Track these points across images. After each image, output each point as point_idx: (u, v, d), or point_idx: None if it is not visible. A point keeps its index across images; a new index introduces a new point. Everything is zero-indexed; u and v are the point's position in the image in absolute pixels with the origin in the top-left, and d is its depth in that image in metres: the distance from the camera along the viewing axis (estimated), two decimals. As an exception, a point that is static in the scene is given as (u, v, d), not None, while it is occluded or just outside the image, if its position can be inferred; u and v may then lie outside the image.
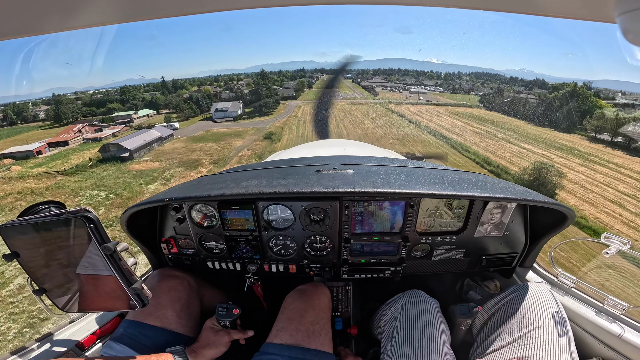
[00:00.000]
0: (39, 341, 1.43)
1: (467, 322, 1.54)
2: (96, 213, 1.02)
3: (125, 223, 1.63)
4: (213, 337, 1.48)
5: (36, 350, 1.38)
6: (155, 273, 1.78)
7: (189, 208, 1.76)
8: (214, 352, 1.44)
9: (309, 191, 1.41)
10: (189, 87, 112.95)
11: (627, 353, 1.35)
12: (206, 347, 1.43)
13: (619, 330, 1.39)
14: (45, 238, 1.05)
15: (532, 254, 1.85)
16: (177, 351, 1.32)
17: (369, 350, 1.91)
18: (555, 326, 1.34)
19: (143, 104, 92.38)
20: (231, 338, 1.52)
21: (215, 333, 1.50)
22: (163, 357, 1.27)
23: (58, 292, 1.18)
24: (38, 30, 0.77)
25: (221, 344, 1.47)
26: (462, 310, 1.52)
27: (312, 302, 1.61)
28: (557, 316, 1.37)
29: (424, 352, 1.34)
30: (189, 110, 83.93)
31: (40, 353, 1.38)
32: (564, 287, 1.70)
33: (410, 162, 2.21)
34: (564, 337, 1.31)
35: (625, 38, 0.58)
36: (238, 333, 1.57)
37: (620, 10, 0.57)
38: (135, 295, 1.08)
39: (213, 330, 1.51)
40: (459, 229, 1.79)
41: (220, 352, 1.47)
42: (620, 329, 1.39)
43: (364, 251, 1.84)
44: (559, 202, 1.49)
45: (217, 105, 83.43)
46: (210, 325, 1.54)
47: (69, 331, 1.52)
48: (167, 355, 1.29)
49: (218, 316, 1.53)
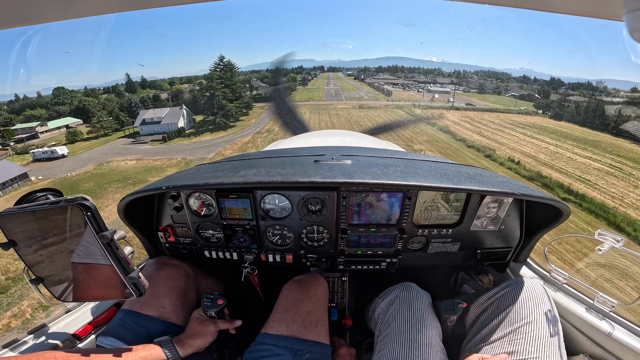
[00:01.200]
0: (34, 332, 1.42)
1: (453, 318, 1.56)
2: (93, 201, 1.01)
3: (122, 211, 1.62)
4: (199, 327, 1.49)
5: (31, 342, 1.37)
6: (152, 262, 1.78)
7: (187, 196, 1.75)
8: (201, 341, 1.45)
9: (307, 181, 1.41)
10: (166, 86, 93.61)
11: (615, 351, 1.38)
12: (192, 336, 1.44)
13: (607, 328, 1.41)
14: (42, 226, 1.05)
15: (526, 249, 1.87)
16: (165, 341, 1.33)
17: (364, 341, 1.93)
18: (546, 323, 1.36)
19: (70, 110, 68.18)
20: (218, 328, 1.53)
21: (201, 323, 1.51)
22: (150, 347, 1.28)
23: (55, 281, 1.18)
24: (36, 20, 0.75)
25: (207, 334, 1.48)
26: (447, 307, 1.54)
27: (309, 293, 1.62)
28: (549, 313, 1.39)
29: (415, 344, 1.36)
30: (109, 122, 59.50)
31: (35, 344, 1.37)
32: (556, 282, 1.73)
33: (409, 154, 2.21)
34: (554, 334, 1.33)
35: (631, 36, 0.58)
36: (225, 323, 1.57)
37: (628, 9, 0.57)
38: (132, 284, 1.08)
39: (199, 321, 1.52)
40: (455, 222, 1.80)
41: (207, 342, 1.48)
42: (609, 327, 1.41)
43: (360, 242, 1.85)
44: (555, 198, 1.49)
45: (145, 115, 57.37)
46: (197, 316, 1.55)
47: (65, 321, 1.52)
48: (155, 345, 1.29)
49: (203, 307, 1.54)
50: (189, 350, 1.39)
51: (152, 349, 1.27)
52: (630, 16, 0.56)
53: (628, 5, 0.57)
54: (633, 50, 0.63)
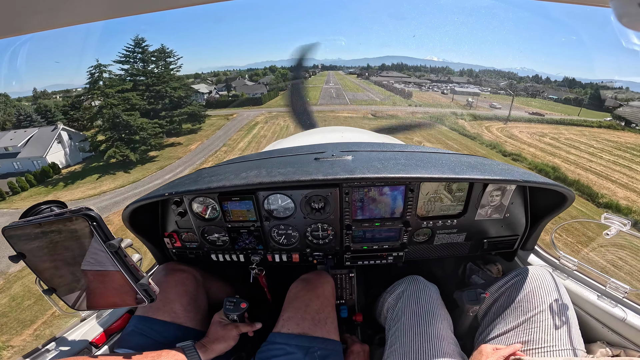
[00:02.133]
0: (52, 342, 1.43)
1: (475, 309, 1.54)
2: (97, 211, 1.02)
3: (127, 219, 1.64)
4: (222, 331, 1.50)
5: (50, 352, 1.38)
6: (160, 268, 1.80)
7: (190, 201, 1.77)
8: (224, 346, 1.46)
9: (309, 179, 1.41)
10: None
11: (631, 337, 1.36)
12: (215, 341, 1.45)
13: (621, 314, 1.39)
14: (49, 238, 1.06)
15: (533, 236, 1.86)
16: (187, 346, 1.34)
17: (375, 336, 1.94)
18: (559, 311, 1.35)
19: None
20: (240, 331, 1.54)
21: (223, 327, 1.52)
22: (173, 353, 1.29)
23: (67, 290, 1.20)
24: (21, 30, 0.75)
25: (230, 338, 1.49)
26: (470, 297, 1.50)
27: (317, 291, 1.63)
28: (561, 301, 1.39)
29: (425, 337, 1.36)
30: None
31: (53, 354, 1.38)
32: (565, 269, 1.71)
33: (409, 146, 2.21)
34: (567, 322, 1.32)
35: (619, 22, 0.58)
36: (246, 326, 1.58)
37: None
38: (143, 291, 1.10)
39: (221, 325, 1.53)
40: (459, 213, 1.79)
41: (229, 346, 1.49)
42: (623, 313, 1.40)
43: (365, 237, 1.86)
44: (558, 183, 1.48)
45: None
46: (219, 320, 1.56)
47: (81, 330, 1.54)
48: (178, 351, 1.30)
49: (226, 310, 1.55)
50: (212, 355, 1.40)
51: (175, 355, 1.28)
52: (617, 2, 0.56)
53: None
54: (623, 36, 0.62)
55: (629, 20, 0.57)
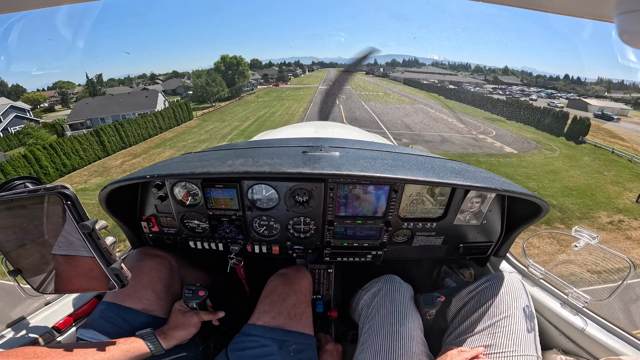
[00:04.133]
0: (12, 325, 1.37)
1: (432, 312, 1.58)
2: (73, 189, 0.99)
3: (104, 200, 1.58)
4: (181, 318, 1.47)
5: (9, 336, 1.33)
6: (135, 252, 1.75)
7: (172, 186, 1.72)
8: (184, 333, 1.43)
9: (295, 172, 1.40)
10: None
11: (586, 346, 1.43)
12: (175, 328, 1.42)
13: (580, 323, 1.46)
14: (20, 216, 1.01)
15: (506, 244, 1.93)
16: (147, 334, 1.31)
17: (349, 333, 1.96)
18: (524, 317, 1.40)
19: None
20: (201, 319, 1.52)
21: (183, 314, 1.49)
22: (132, 340, 1.25)
23: (33, 272, 1.14)
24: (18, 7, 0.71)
25: (190, 325, 1.47)
26: (426, 300, 1.55)
27: (294, 286, 1.63)
28: (526, 308, 1.44)
29: (397, 336, 1.39)
30: None
31: (14, 338, 1.33)
32: (533, 277, 1.79)
33: (397, 147, 2.23)
34: (530, 328, 1.38)
35: (620, 38, 0.59)
36: (208, 314, 1.56)
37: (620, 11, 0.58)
38: (114, 276, 1.05)
39: (181, 312, 1.50)
40: (439, 216, 1.83)
41: (190, 333, 1.46)
42: (582, 322, 1.46)
43: (346, 234, 1.87)
44: (536, 195, 1.54)
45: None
46: (179, 307, 1.53)
47: (44, 314, 1.48)
48: (137, 338, 1.28)
49: (185, 298, 1.52)
50: (172, 342, 1.37)
51: (134, 342, 1.25)
52: (621, 18, 0.58)
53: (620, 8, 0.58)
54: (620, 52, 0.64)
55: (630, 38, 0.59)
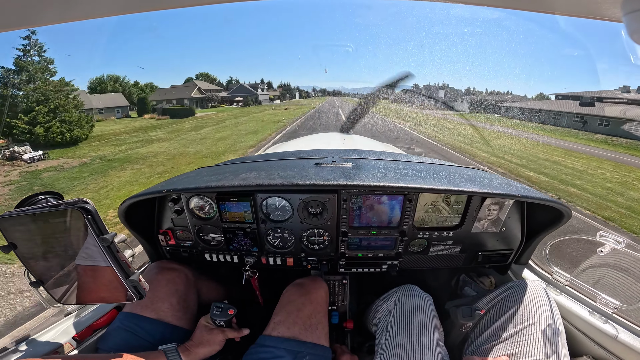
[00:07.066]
0: (32, 335, 1.40)
1: (469, 325, 1.52)
2: (94, 204, 1.02)
3: (122, 214, 1.62)
4: (207, 335, 1.47)
5: (29, 346, 1.35)
6: (152, 265, 1.78)
7: (187, 199, 1.75)
8: (207, 350, 1.43)
9: (308, 184, 1.41)
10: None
11: (618, 352, 1.37)
12: (199, 345, 1.42)
13: (610, 329, 1.40)
14: (42, 229, 1.05)
15: (527, 251, 1.86)
16: (170, 349, 1.31)
17: (365, 344, 1.93)
18: (548, 325, 1.35)
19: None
20: (226, 337, 1.52)
21: (209, 331, 1.49)
22: (154, 355, 1.26)
23: (55, 284, 1.18)
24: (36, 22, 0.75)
25: (215, 343, 1.47)
26: (465, 312, 1.48)
27: (310, 296, 1.62)
28: (551, 315, 1.39)
29: (417, 347, 1.35)
30: None
31: (35, 347, 1.35)
32: (558, 284, 1.72)
33: (409, 156, 2.21)
34: (556, 336, 1.32)
35: (630, 38, 0.58)
36: (233, 332, 1.56)
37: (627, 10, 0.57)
38: (132, 287, 1.08)
39: (207, 329, 1.50)
40: (456, 225, 1.79)
41: (214, 351, 1.46)
42: (612, 328, 1.41)
43: (361, 245, 1.85)
44: (556, 199, 1.49)
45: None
46: (204, 324, 1.53)
47: (65, 324, 1.51)
48: (160, 353, 1.28)
49: (213, 315, 1.52)
50: (195, 359, 1.38)
51: (156, 357, 1.26)
52: (630, 17, 0.57)
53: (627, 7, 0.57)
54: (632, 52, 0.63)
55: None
